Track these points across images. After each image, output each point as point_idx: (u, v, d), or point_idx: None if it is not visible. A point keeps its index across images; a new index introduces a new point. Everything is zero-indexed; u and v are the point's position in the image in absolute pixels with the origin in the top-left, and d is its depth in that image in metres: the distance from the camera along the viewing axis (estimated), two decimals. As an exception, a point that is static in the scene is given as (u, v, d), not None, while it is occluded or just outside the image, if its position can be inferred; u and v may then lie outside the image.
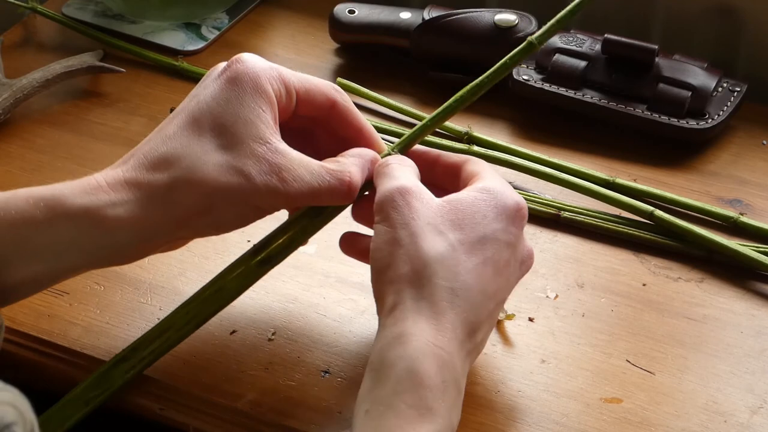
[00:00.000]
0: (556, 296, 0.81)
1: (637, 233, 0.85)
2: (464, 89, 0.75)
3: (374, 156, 0.73)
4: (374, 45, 1.03)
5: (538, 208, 0.86)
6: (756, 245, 0.84)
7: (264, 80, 0.70)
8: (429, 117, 0.76)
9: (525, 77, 0.97)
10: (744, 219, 0.85)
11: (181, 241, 0.74)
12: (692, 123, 0.93)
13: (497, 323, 0.77)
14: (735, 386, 0.74)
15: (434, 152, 0.76)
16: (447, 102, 0.75)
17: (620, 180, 0.89)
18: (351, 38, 1.03)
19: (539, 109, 0.97)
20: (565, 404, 0.73)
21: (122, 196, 0.68)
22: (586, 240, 0.85)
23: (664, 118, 0.93)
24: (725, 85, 0.95)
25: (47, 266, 0.68)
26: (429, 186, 0.70)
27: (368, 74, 1.01)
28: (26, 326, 0.77)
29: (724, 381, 0.75)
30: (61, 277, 0.70)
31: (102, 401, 0.71)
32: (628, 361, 0.76)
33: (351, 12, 1.03)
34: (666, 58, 0.95)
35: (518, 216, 0.70)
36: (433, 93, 0.98)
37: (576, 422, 0.72)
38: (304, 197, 0.70)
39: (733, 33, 1.01)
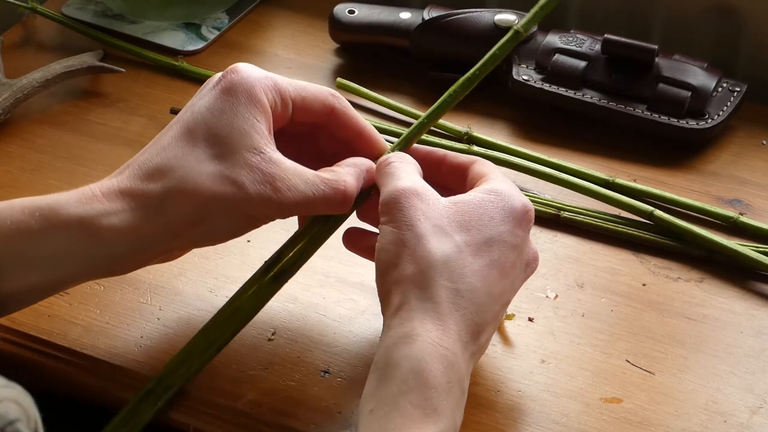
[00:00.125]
0: (556, 296, 0.81)
1: (637, 233, 0.85)
2: (456, 83, 0.76)
3: (371, 165, 0.73)
4: (374, 45, 1.03)
5: (538, 208, 0.86)
6: (756, 245, 0.84)
7: (259, 90, 0.70)
8: (425, 114, 0.76)
9: (525, 77, 0.96)
10: (744, 219, 0.85)
11: (177, 252, 0.74)
12: (692, 123, 0.93)
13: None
14: (735, 386, 0.74)
15: (440, 152, 0.76)
16: (440, 98, 0.76)
17: (620, 180, 0.89)
18: (351, 38, 1.03)
19: (539, 109, 0.97)
20: (565, 404, 0.73)
21: (117, 206, 0.68)
22: (586, 240, 0.85)
23: (664, 118, 0.93)
24: (725, 85, 0.95)
25: (44, 277, 0.68)
26: (434, 186, 0.70)
27: (368, 74, 1.01)
28: (26, 326, 0.77)
29: (724, 381, 0.75)
30: (59, 288, 0.70)
31: None
32: (628, 361, 0.76)
33: (351, 12, 1.02)
34: (666, 58, 0.95)
35: (525, 218, 0.70)
36: (433, 93, 0.97)
37: (576, 422, 0.72)
38: (298, 207, 0.70)
39: (733, 33, 1.01)
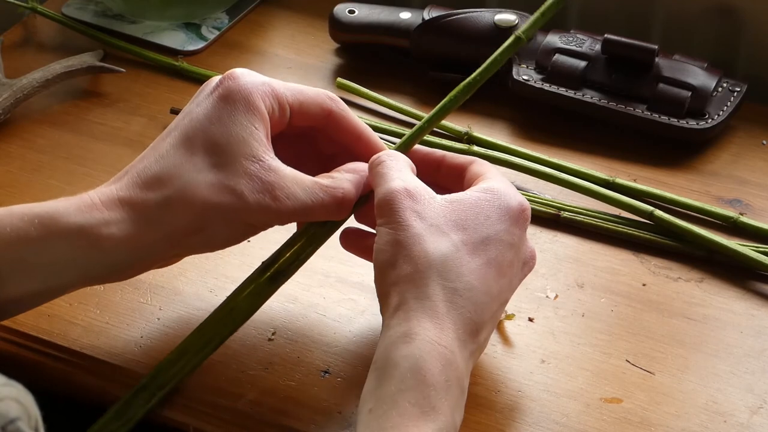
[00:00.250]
0: (556, 296, 0.81)
1: (637, 233, 0.85)
2: (456, 88, 0.75)
3: None
4: (374, 45, 1.03)
5: (538, 208, 0.86)
6: (756, 245, 0.84)
7: (256, 97, 0.70)
8: (424, 119, 0.76)
9: (525, 77, 0.96)
10: (744, 219, 0.85)
11: (176, 258, 0.74)
12: (692, 123, 0.93)
13: (497, 323, 0.77)
14: (735, 386, 0.74)
15: (439, 153, 0.76)
16: (441, 102, 0.75)
17: (620, 180, 0.89)
18: (351, 38, 1.03)
19: (539, 109, 0.97)
20: (565, 404, 0.73)
21: (116, 215, 0.68)
22: (586, 240, 0.85)
23: (664, 118, 0.93)
24: (725, 85, 0.95)
25: (43, 284, 0.68)
26: (433, 187, 0.70)
27: (368, 74, 1.01)
28: (26, 326, 0.77)
29: (724, 381, 0.75)
30: (57, 294, 0.70)
31: None
32: (628, 361, 0.76)
33: (351, 12, 1.02)
34: (666, 58, 0.95)
35: (522, 217, 0.70)
36: (433, 93, 0.98)
37: (576, 422, 0.72)
38: (297, 214, 0.70)
39: (733, 33, 1.01)
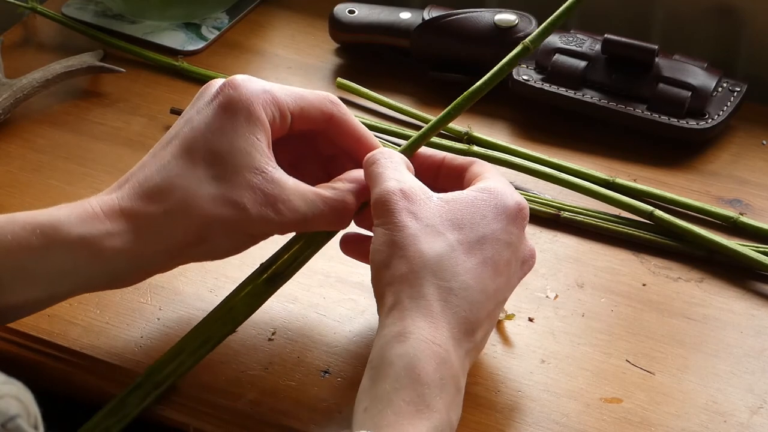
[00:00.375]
0: (556, 296, 0.81)
1: (637, 233, 0.85)
2: (461, 96, 0.75)
3: None
4: (374, 45, 1.03)
5: (538, 208, 0.86)
6: (756, 245, 0.83)
7: (258, 107, 0.70)
8: (427, 125, 0.75)
9: (525, 77, 0.96)
10: (744, 219, 0.85)
11: (176, 266, 0.74)
12: (692, 123, 0.93)
13: (497, 323, 0.77)
14: (735, 386, 0.74)
15: (439, 155, 0.76)
16: (445, 109, 0.75)
17: (620, 180, 0.89)
18: (351, 38, 1.03)
19: (539, 109, 0.97)
20: (565, 404, 0.73)
21: (118, 227, 0.68)
22: (586, 240, 0.85)
23: (664, 118, 0.93)
24: (725, 85, 0.95)
25: (44, 292, 0.68)
26: (433, 188, 0.70)
27: (368, 74, 1.01)
28: (26, 326, 0.77)
29: (724, 381, 0.75)
30: (57, 300, 0.70)
31: (120, 429, 0.70)
32: (628, 361, 0.76)
33: (351, 12, 1.02)
34: (666, 58, 0.95)
35: (519, 216, 0.70)
36: (434, 93, 0.98)
37: (576, 422, 0.72)
38: (298, 226, 0.71)
39: (733, 33, 1.01)
